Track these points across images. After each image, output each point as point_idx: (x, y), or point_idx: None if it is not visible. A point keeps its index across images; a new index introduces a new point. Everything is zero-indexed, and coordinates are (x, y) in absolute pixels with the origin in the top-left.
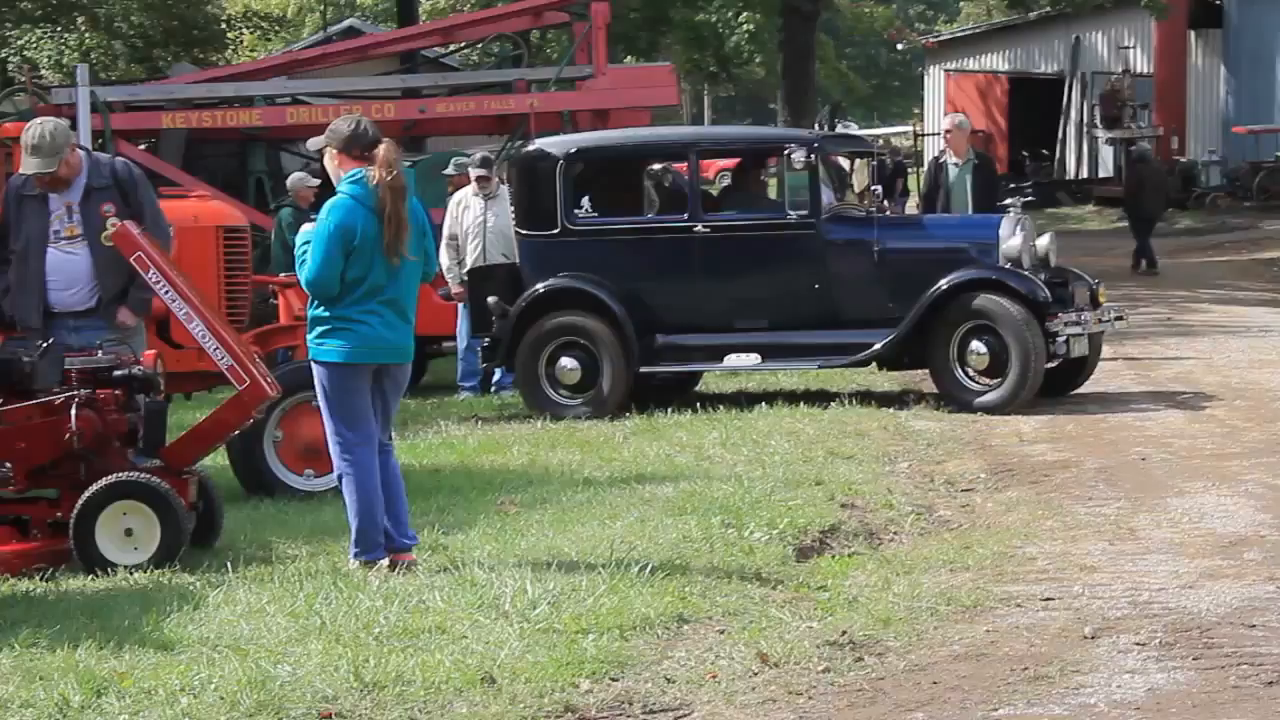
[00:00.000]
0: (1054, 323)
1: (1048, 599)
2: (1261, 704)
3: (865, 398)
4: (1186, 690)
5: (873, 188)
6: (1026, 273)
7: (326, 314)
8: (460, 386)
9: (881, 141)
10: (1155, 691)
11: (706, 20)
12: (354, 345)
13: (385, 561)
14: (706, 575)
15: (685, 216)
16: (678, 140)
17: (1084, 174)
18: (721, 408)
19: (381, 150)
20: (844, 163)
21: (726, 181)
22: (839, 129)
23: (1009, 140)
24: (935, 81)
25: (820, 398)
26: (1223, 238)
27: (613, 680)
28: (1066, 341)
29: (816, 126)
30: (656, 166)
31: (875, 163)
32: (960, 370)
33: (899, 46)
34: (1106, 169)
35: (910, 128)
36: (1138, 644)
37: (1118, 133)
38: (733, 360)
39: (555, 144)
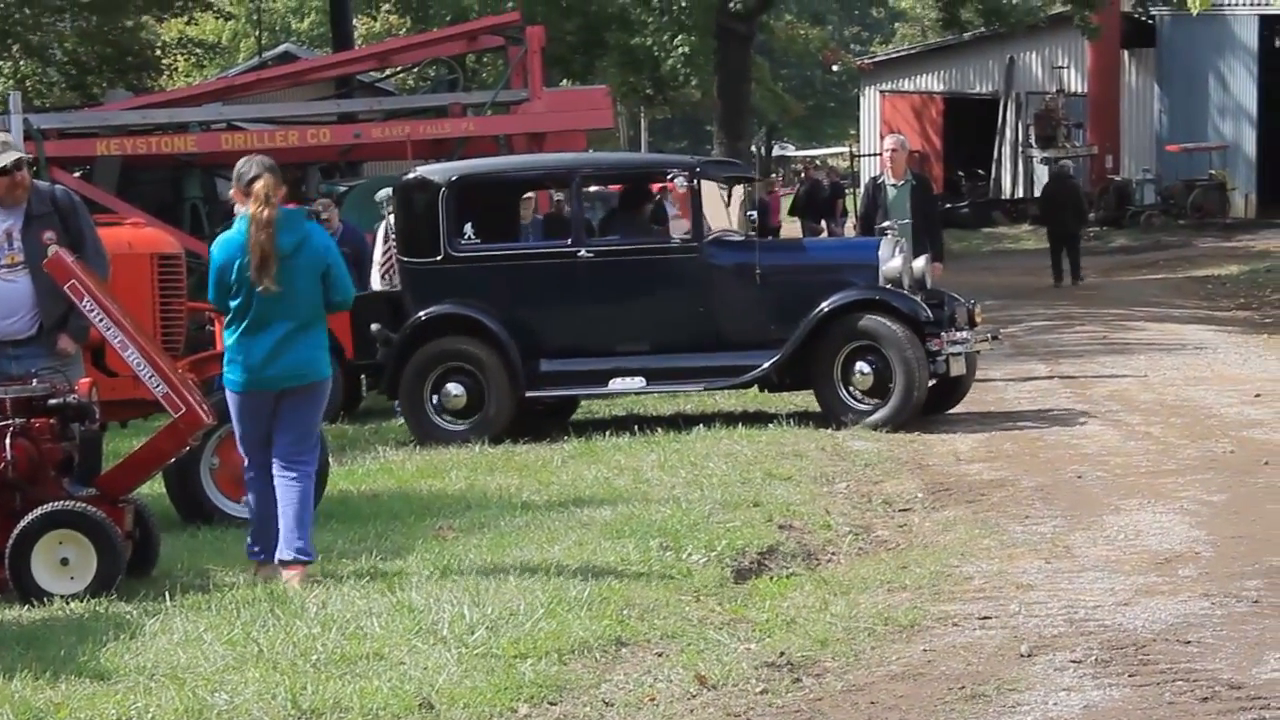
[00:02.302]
0: (937, 342)
1: (984, 618)
2: None
3: (803, 418)
4: (1122, 707)
5: (749, 213)
6: (907, 293)
7: (227, 342)
8: (397, 411)
9: (819, 162)
10: (1091, 709)
11: (642, 43)
12: (245, 374)
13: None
14: (644, 598)
15: (569, 242)
16: (560, 167)
17: (1019, 193)
18: (659, 430)
19: (257, 185)
20: (724, 188)
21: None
22: (775, 150)
23: (944, 160)
24: (871, 102)
25: (758, 419)
26: (1157, 255)
27: (551, 704)
28: (946, 360)
29: (753, 148)
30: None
31: (807, 185)
32: (844, 390)
33: (834, 68)
34: (1041, 188)
35: (846, 149)
36: (1074, 662)
37: (1052, 152)
38: (617, 384)
39: (436, 171)
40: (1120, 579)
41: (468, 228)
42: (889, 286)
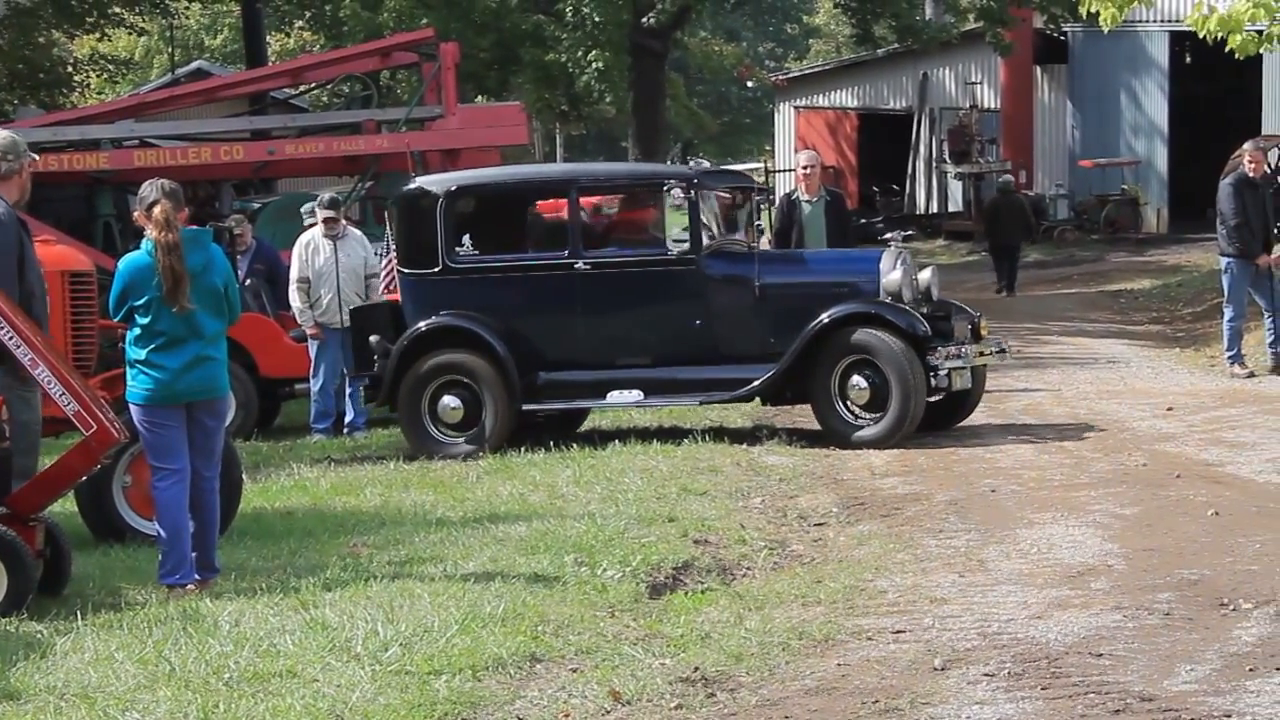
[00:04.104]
0: (934, 356)
1: (898, 631)
2: None
3: (718, 434)
4: None
5: (756, 223)
6: (907, 307)
7: (133, 357)
8: (313, 428)
9: None
10: None
11: (556, 59)
12: (155, 387)
13: (191, 585)
14: (559, 614)
15: (566, 253)
16: (558, 177)
17: (933, 209)
18: (575, 446)
19: (155, 211)
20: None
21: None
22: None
23: (859, 176)
24: (785, 118)
25: (674, 434)
26: (1070, 270)
27: None
28: (948, 375)
29: (668, 164)
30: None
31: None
32: (841, 405)
33: (749, 84)
34: (955, 204)
35: (761, 164)
36: (987, 675)
37: (966, 167)
38: (615, 397)
39: (436, 182)
40: (1033, 592)
41: (465, 239)
42: (889, 300)
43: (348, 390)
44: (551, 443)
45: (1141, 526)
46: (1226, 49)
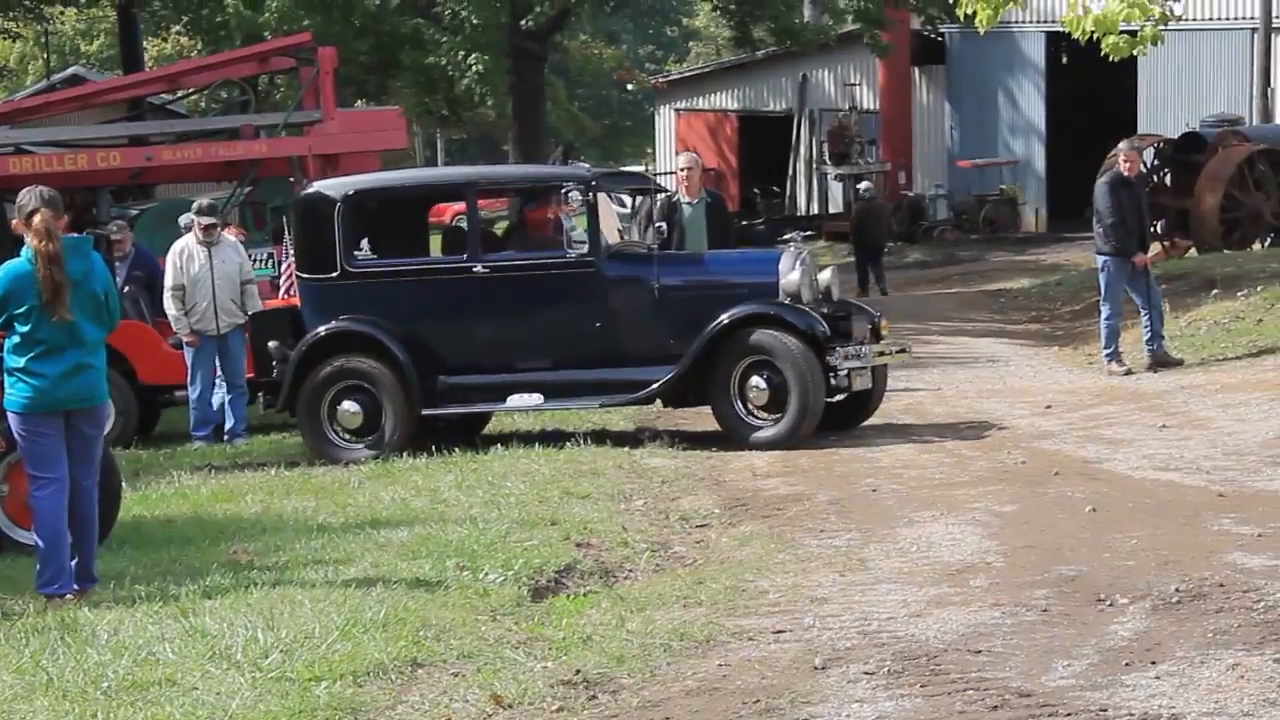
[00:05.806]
0: (833, 356)
1: (779, 631)
2: None
3: (600, 437)
4: (914, 717)
5: (656, 224)
6: (805, 307)
7: (12, 365)
8: (193, 436)
9: None
10: (884, 719)
11: (436, 63)
12: (34, 395)
13: (70, 595)
14: (441, 618)
15: (464, 257)
16: (456, 180)
17: (814, 210)
18: (457, 450)
19: (35, 220)
20: (626, 199)
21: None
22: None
23: (740, 177)
24: (666, 121)
25: (556, 438)
26: (950, 270)
27: None
28: (848, 375)
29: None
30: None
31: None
32: (741, 406)
33: (629, 87)
34: (836, 205)
35: (643, 167)
36: (867, 673)
37: (846, 169)
38: (515, 400)
39: (333, 186)
40: (913, 590)
41: (364, 243)
42: (788, 300)
43: (226, 397)
44: (434, 447)
45: (1020, 524)
46: (1101, 51)
